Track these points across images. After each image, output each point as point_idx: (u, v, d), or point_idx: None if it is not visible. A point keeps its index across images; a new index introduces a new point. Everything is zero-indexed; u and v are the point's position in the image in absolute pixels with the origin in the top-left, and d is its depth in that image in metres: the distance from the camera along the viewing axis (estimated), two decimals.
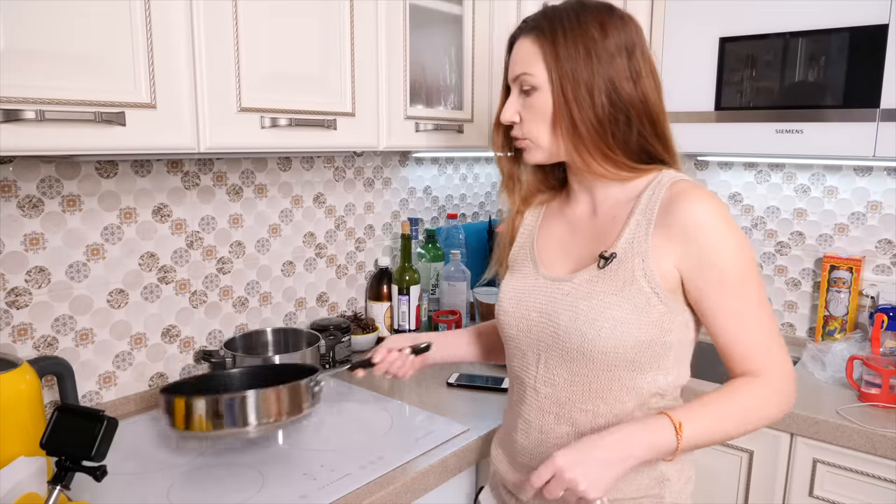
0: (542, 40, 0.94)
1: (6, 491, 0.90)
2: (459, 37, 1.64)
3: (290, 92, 1.25)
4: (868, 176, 1.82)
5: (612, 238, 0.96)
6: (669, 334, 0.93)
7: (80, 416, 0.85)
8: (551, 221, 1.08)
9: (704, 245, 0.89)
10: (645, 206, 0.94)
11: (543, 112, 0.95)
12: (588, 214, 1.03)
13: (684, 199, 0.91)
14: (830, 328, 1.84)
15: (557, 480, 0.84)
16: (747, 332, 0.92)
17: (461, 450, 1.24)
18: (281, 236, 1.69)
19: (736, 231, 0.92)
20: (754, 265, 0.93)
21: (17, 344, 1.26)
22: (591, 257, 0.97)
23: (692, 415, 0.88)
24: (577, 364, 0.95)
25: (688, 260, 0.91)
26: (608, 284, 0.93)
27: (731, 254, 0.90)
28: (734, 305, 0.91)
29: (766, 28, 1.59)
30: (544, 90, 0.94)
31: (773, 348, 0.93)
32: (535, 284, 1.02)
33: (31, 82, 0.92)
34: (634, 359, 0.93)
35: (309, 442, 1.26)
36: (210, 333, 1.57)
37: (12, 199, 1.23)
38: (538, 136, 0.97)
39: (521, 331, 1.02)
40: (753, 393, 0.92)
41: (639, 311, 0.91)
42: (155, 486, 1.11)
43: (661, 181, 0.96)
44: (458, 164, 2.21)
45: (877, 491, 1.39)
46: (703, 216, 0.90)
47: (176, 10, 1.06)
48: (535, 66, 0.94)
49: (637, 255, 0.92)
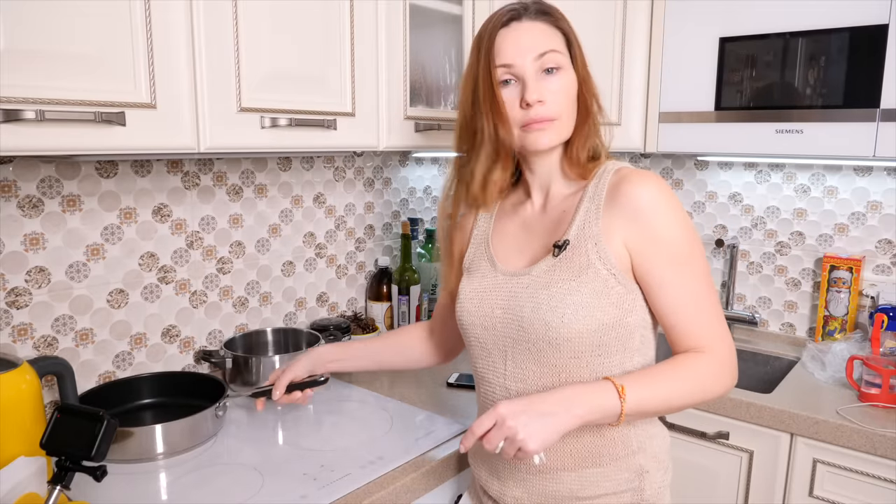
0: (560, 22, 0.99)
1: (6, 491, 0.89)
2: (459, 37, 1.64)
3: (290, 92, 1.25)
4: (868, 176, 1.82)
5: (563, 229, 0.99)
6: (630, 315, 0.96)
7: (80, 416, 0.86)
8: (504, 221, 1.09)
9: (650, 222, 0.93)
10: (592, 194, 0.98)
11: (569, 91, 0.98)
12: (539, 211, 1.06)
13: (629, 181, 0.95)
14: (830, 328, 1.84)
15: (498, 429, 0.84)
16: (692, 307, 0.94)
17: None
18: (281, 236, 1.69)
19: (681, 210, 0.95)
20: (699, 243, 0.97)
21: (17, 344, 1.26)
22: (545, 250, 1.00)
23: (636, 381, 0.90)
24: (544, 355, 0.97)
25: (635, 238, 0.94)
26: (565, 272, 0.95)
27: (676, 231, 0.94)
28: (679, 280, 0.94)
29: (766, 28, 1.59)
30: (568, 69, 0.98)
31: (716, 326, 0.95)
32: (495, 282, 1.03)
33: (31, 82, 0.92)
34: (600, 342, 0.95)
35: (309, 442, 1.26)
36: (210, 333, 1.57)
37: (12, 199, 1.23)
38: (567, 114, 0.99)
39: (486, 329, 1.03)
40: (697, 366, 0.94)
41: (598, 294, 0.93)
42: (155, 485, 1.11)
43: (606, 169, 1.00)
44: None
45: (877, 491, 1.39)
46: (649, 196, 0.93)
47: (176, 10, 1.06)
48: (560, 46, 0.98)
49: (590, 240, 0.95)
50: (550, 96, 0.96)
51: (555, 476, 1.00)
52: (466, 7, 1.62)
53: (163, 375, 1.42)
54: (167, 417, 1.19)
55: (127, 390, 1.36)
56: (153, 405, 1.38)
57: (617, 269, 0.94)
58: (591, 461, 0.98)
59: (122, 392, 1.35)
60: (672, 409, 0.95)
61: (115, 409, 1.30)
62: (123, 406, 1.34)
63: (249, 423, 1.34)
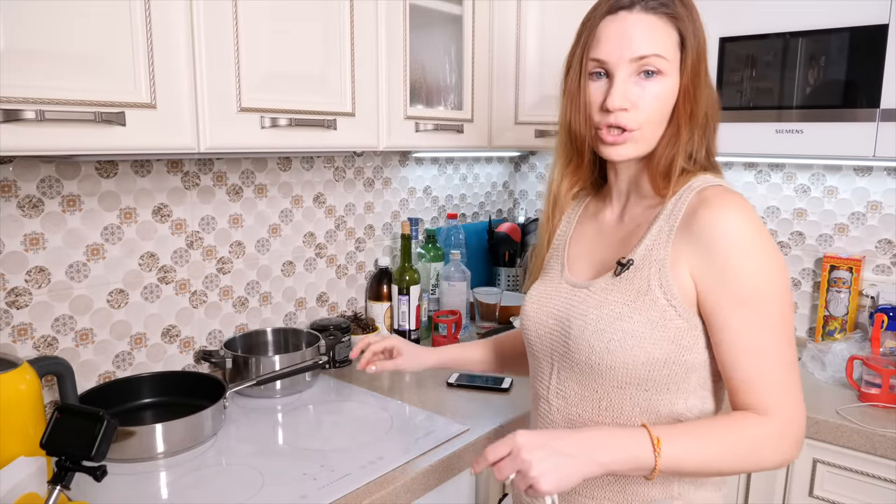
0: (676, 21, 0.86)
1: (6, 491, 0.89)
2: (459, 37, 1.64)
3: (290, 92, 1.25)
4: (868, 176, 1.82)
5: (632, 245, 0.91)
6: (689, 353, 0.86)
7: (80, 416, 0.85)
8: (584, 225, 1.03)
9: (722, 257, 0.82)
10: (670, 212, 0.88)
11: (664, 100, 0.87)
12: (616, 220, 0.98)
13: (710, 206, 0.83)
14: (830, 328, 1.84)
15: (512, 459, 0.78)
16: (755, 359, 0.83)
17: (461, 450, 1.24)
18: (281, 236, 1.69)
19: (765, 248, 0.83)
20: (781, 291, 0.83)
21: (17, 344, 1.26)
22: (612, 264, 0.92)
23: (676, 435, 0.80)
24: (587, 378, 0.91)
25: (703, 271, 0.83)
26: (622, 294, 0.87)
27: (751, 271, 0.82)
28: (745, 327, 0.82)
29: (766, 28, 1.59)
30: (671, 75, 0.86)
31: (784, 387, 0.83)
32: (557, 289, 0.98)
33: (31, 82, 0.92)
34: (648, 377, 0.86)
35: (309, 442, 1.26)
36: (210, 333, 1.57)
37: (12, 199, 1.23)
38: (651, 127, 0.87)
39: (538, 337, 0.98)
40: (753, 428, 0.82)
41: (653, 325, 0.85)
42: (155, 485, 1.11)
43: (692, 185, 0.88)
44: (458, 164, 2.21)
45: (877, 491, 1.39)
46: (727, 226, 0.82)
47: (176, 10, 1.06)
48: (669, 49, 0.85)
49: (654, 264, 0.86)
50: (641, 102, 0.86)
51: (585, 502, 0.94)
52: (466, 7, 1.62)
53: (163, 375, 1.42)
54: (167, 417, 1.19)
55: (127, 390, 1.36)
56: (153, 405, 1.38)
57: (678, 301, 0.84)
58: (622, 498, 0.92)
59: (122, 392, 1.35)
60: (716, 473, 0.85)
61: (115, 409, 1.30)
62: (123, 406, 1.34)
63: (249, 423, 1.34)
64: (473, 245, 2.17)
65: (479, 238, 2.22)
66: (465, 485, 1.31)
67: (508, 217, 2.49)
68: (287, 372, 1.44)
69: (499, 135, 1.76)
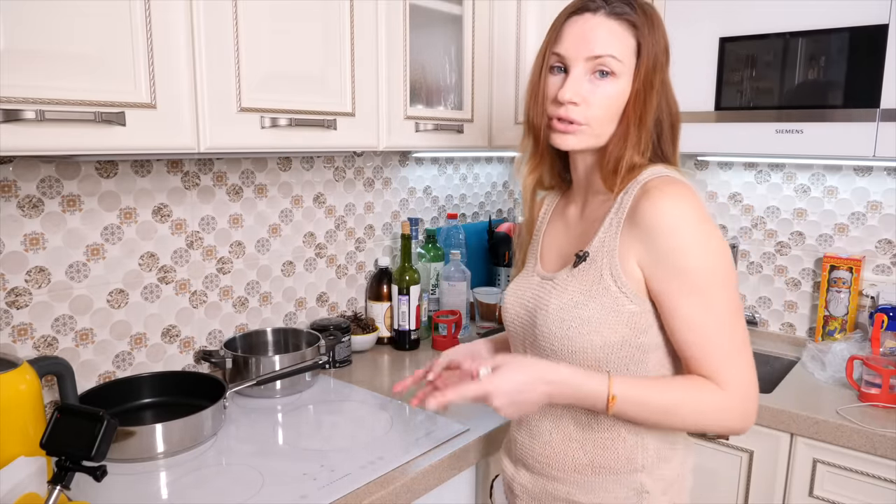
0: (635, 30, 0.91)
1: (6, 491, 0.89)
2: (459, 37, 1.64)
3: (290, 92, 1.25)
4: (868, 176, 1.82)
5: (590, 238, 0.96)
6: (644, 335, 0.91)
7: (80, 416, 0.86)
8: (555, 220, 1.09)
9: (665, 245, 0.86)
10: (619, 206, 0.93)
11: (615, 100, 0.91)
12: (578, 214, 1.04)
13: (650, 197, 0.88)
14: (830, 328, 1.84)
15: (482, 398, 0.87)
16: (705, 341, 0.88)
17: (461, 450, 1.24)
18: (281, 236, 1.69)
19: (706, 233, 0.87)
20: (724, 273, 0.88)
21: (17, 344, 1.26)
22: (573, 257, 0.98)
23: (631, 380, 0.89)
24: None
25: (647, 260, 0.88)
26: (580, 284, 0.94)
27: (693, 258, 0.86)
28: (692, 311, 0.87)
29: (766, 28, 1.59)
30: (624, 78, 0.91)
31: (733, 365, 0.88)
32: (529, 281, 1.04)
33: (31, 82, 0.92)
34: (607, 360, 0.92)
35: (309, 442, 1.26)
36: (210, 333, 1.57)
37: (12, 199, 1.23)
38: (599, 123, 0.92)
39: (513, 326, 1.05)
40: (705, 392, 0.88)
41: (607, 311, 0.90)
42: (155, 485, 1.11)
43: (639, 179, 0.93)
44: (458, 164, 2.21)
45: (877, 491, 1.39)
46: (665, 217, 0.86)
47: (176, 10, 1.06)
48: (624, 53, 0.90)
49: (606, 255, 0.92)
50: (591, 98, 0.91)
51: (556, 476, 1.00)
52: (466, 7, 1.62)
53: (163, 375, 1.42)
54: (167, 417, 1.19)
55: (127, 390, 1.36)
56: (153, 405, 1.38)
57: (628, 289, 0.90)
58: (590, 469, 0.97)
59: (122, 392, 1.35)
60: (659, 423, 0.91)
61: (115, 409, 1.30)
62: (123, 406, 1.34)
63: (249, 424, 1.34)
64: (473, 245, 2.17)
65: (479, 238, 2.22)
66: (465, 485, 1.31)
67: (508, 217, 2.48)
68: (287, 372, 1.44)
69: (499, 135, 1.76)
